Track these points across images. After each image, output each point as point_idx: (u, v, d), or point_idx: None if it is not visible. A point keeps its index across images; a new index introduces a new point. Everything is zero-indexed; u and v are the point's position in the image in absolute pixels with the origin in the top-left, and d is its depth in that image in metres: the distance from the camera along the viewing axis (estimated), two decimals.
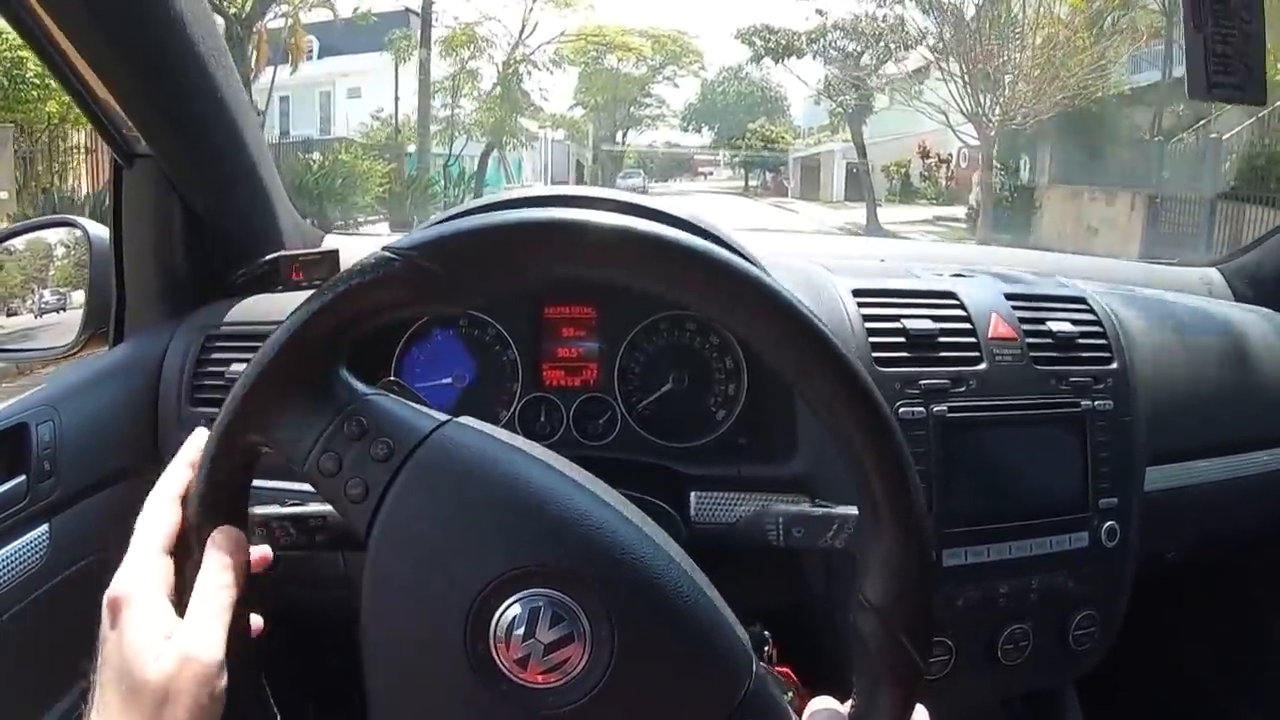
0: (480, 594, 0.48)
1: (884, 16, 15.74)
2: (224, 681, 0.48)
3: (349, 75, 17.78)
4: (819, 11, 16.74)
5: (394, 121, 16.40)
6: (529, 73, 18.10)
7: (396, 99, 16.29)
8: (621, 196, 0.78)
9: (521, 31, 17.39)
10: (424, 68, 15.37)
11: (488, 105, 17.22)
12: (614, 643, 0.48)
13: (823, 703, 0.52)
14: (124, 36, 0.78)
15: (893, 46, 15.87)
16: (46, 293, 1.08)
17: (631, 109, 26.45)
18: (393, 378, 0.66)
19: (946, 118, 13.23)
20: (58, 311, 1.07)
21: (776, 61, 18.19)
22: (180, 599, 0.49)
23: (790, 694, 0.53)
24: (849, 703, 0.50)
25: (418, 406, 0.52)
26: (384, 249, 0.47)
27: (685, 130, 31.45)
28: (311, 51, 17.34)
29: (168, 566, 0.50)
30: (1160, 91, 11.16)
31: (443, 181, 15.19)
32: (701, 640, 0.50)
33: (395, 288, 0.47)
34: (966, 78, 12.59)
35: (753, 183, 30.66)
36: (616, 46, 21.33)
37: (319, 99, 18.81)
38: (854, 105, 17.14)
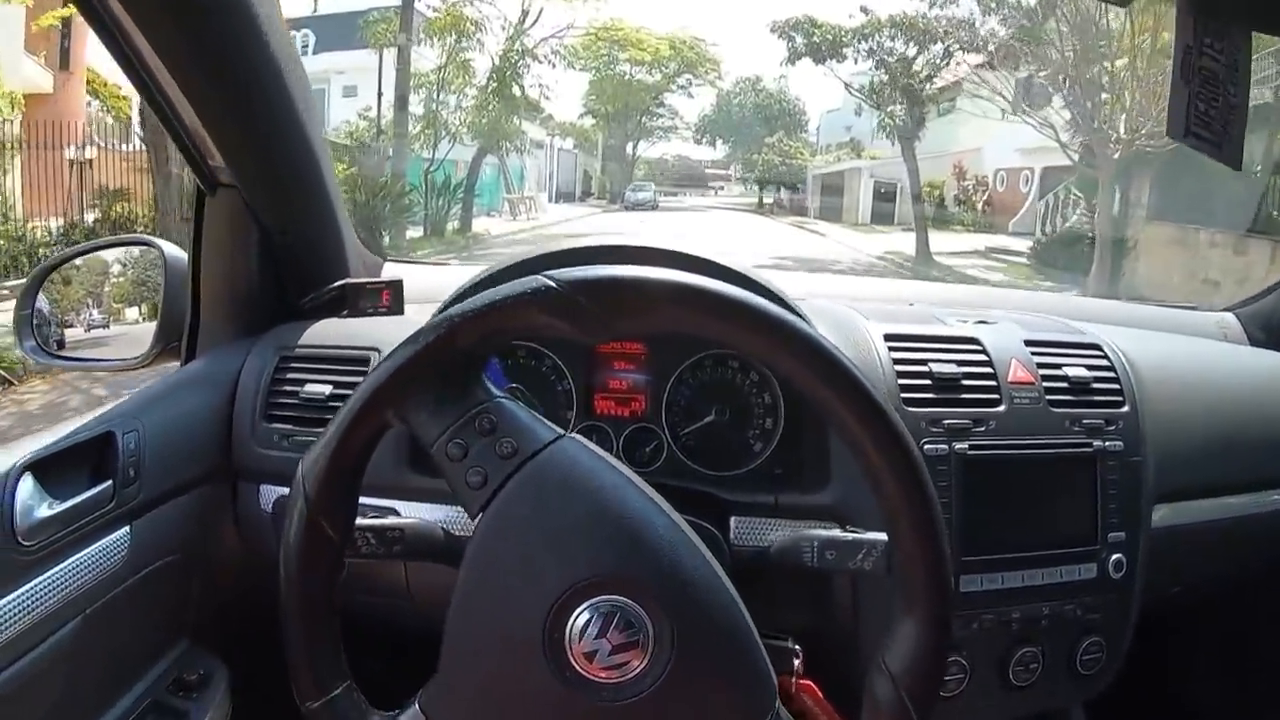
0: (566, 591, 0.55)
1: (946, 17, 13.36)
2: None
3: (345, 72, 16.49)
4: (864, 9, 14.16)
5: (378, 121, 14.39)
6: (528, 67, 15.79)
7: (379, 94, 14.34)
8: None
9: (522, 20, 15.33)
10: (403, 55, 13.19)
11: (480, 103, 14.94)
12: (672, 650, 0.55)
13: None
14: (221, 71, 0.84)
15: (954, 49, 13.80)
16: (95, 312, 1.15)
17: (644, 119, 25.05)
18: (517, 385, 0.73)
19: (1055, 133, 10.98)
20: (103, 328, 1.14)
21: (817, 62, 15.18)
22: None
23: None
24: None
25: (540, 418, 0.60)
26: (547, 276, 0.55)
27: (699, 143, 29.90)
28: (306, 46, 16.43)
29: None
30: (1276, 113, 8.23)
31: (424, 188, 13.24)
32: (743, 656, 0.57)
33: (547, 313, 0.55)
34: (1079, 88, 10.33)
35: (767, 200, 28.99)
36: (630, 44, 19.43)
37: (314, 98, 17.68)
38: (905, 116, 14.65)
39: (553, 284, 0.55)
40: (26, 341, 1.06)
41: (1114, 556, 0.92)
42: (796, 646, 0.76)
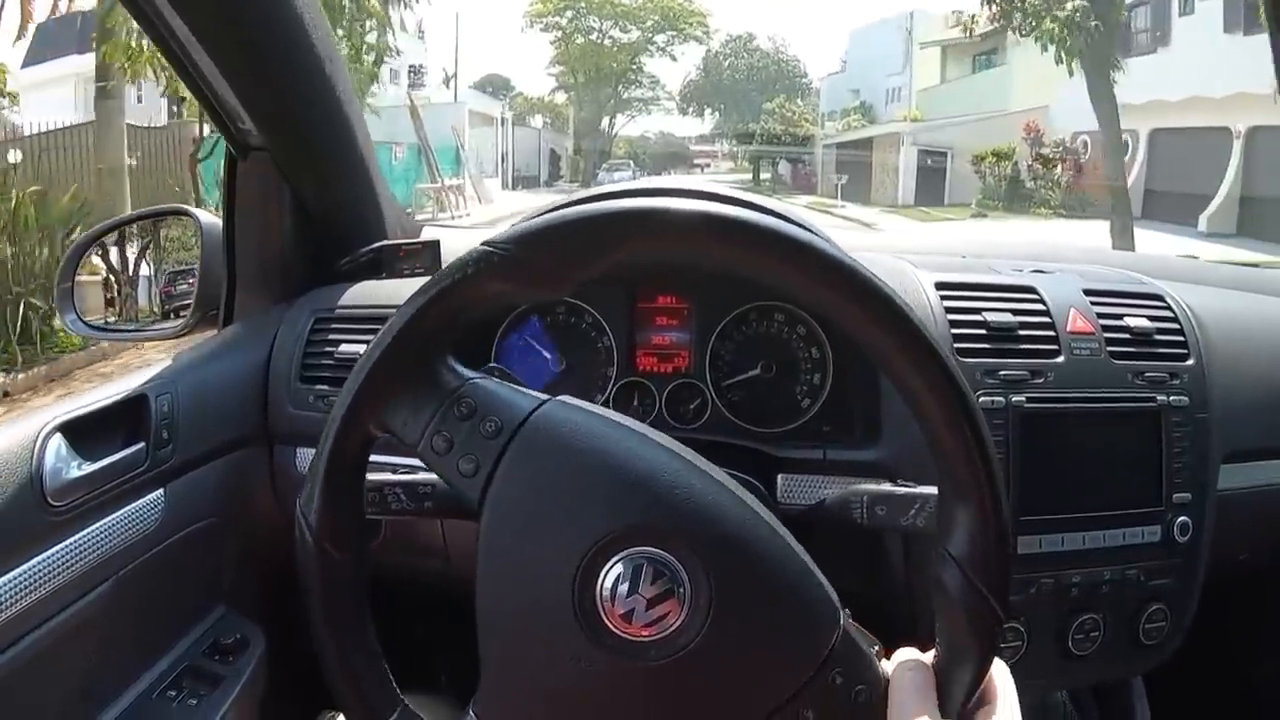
0: (587, 554, 0.52)
1: None
2: None
3: None
4: None
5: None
6: None
7: None
8: (698, 185, 0.81)
9: None
10: None
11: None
12: (711, 597, 0.51)
13: (907, 653, 0.55)
14: (248, 35, 0.83)
15: None
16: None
17: (619, 88, 22.35)
18: (494, 364, 0.71)
19: None
20: None
21: None
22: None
23: (876, 646, 0.56)
24: (931, 652, 0.53)
25: (519, 388, 0.56)
26: (483, 243, 0.52)
27: (684, 113, 26.30)
28: None
29: None
30: None
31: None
32: (791, 594, 0.53)
33: (496, 279, 0.52)
34: None
35: (763, 175, 25.37)
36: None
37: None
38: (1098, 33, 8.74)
39: (492, 249, 0.52)
40: (67, 314, 1.07)
41: (1179, 519, 0.88)
42: (846, 610, 0.72)
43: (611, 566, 0.52)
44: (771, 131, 22.89)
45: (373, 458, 0.57)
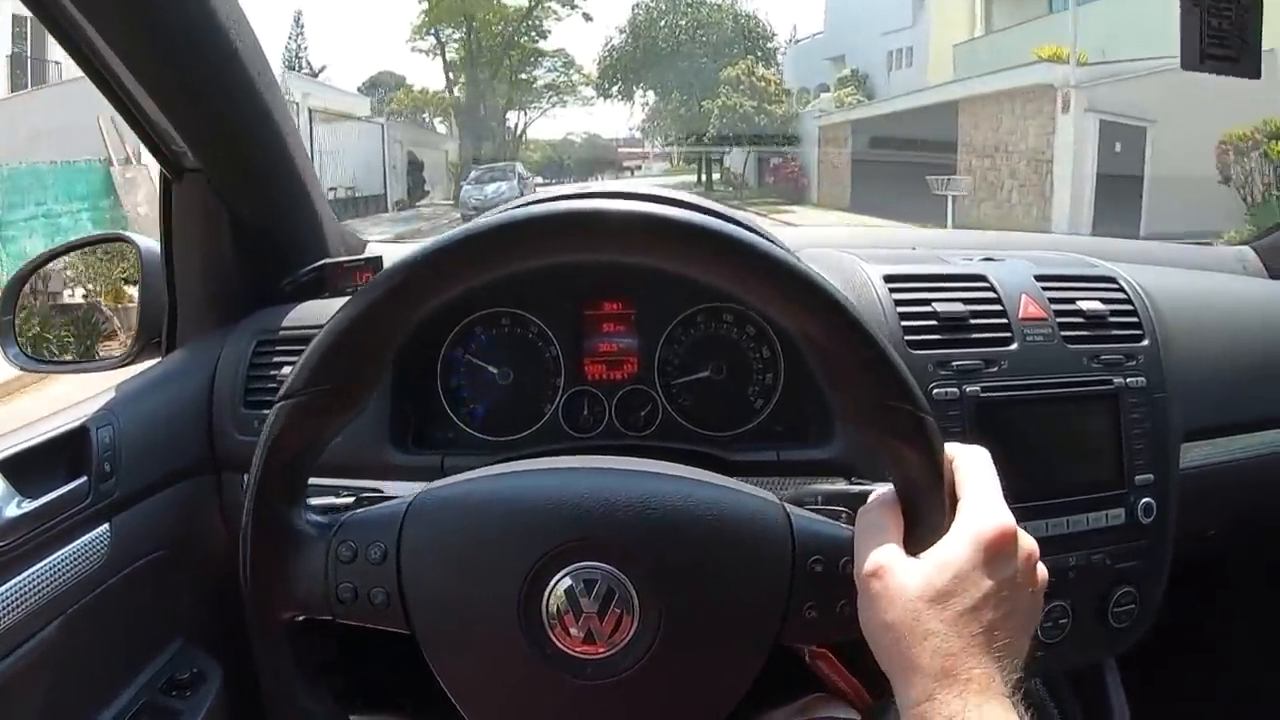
0: (524, 581, 0.52)
1: None
2: None
3: None
4: None
5: None
6: None
7: None
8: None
9: None
10: None
11: None
12: (660, 610, 0.52)
13: (870, 499, 0.54)
14: (171, 53, 0.81)
15: None
16: None
17: (515, 67, 15.62)
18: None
19: None
20: None
21: None
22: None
23: (842, 514, 0.58)
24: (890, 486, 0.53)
25: (379, 503, 0.57)
26: (279, 397, 0.54)
27: (607, 96, 18.69)
28: None
29: None
30: None
31: None
32: (743, 569, 0.53)
33: (310, 424, 0.54)
34: None
35: (712, 176, 18.64)
36: None
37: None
38: None
39: (291, 399, 0.53)
40: (9, 348, 1.04)
41: (1143, 500, 0.87)
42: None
43: (554, 586, 0.52)
44: (736, 110, 16.14)
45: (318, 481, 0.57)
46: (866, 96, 17.24)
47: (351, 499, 0.63)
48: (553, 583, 0.51)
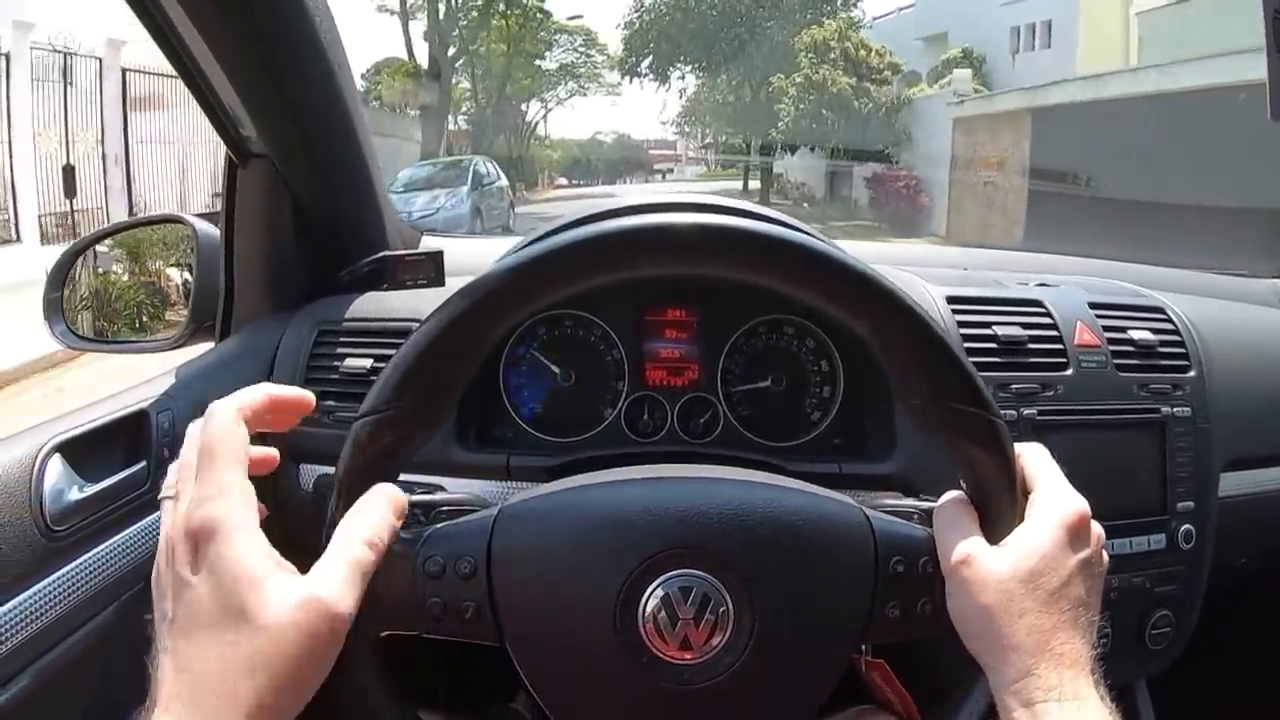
0: (620, 589, 0.52)
1: None
2: (342, 643, 0.45)
3: None
4: None
5: None
6: None
7: None
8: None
9: None
10: None
11: None
12: (753, 615, 0.53)
13: (944, 499, 0.56)
14: (252, 37, 0.81)
15: None
16: None
17: (508, 29, 11.84)
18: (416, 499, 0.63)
19: None
20: None
21: None
22: (286, 539, 0.47)
23: (914, 516, 0.59)
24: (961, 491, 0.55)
25: (464, 515, 0.57)
26: (359, 416, 0.52)
27: (632, 76, 13.98)
28: None
29: (252, 493, 0.46)
30: None
31: None
32: (831, 573, 0.54)
33: (385, 440, 0.52)
34: None
35: (753, 183, 13.39)
36: None
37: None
38: None
39: (371, 415, 0.52)
40: (56, 325, 1.03)
41: (1184, 527, 0.89)
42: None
43: (651, 593, 0.52)
44: (827, 88, 10.44)
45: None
46: (984, 86, 11.69)
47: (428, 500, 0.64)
48: (649, 590, 0.52)
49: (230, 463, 0.46)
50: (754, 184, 13.88)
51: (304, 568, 0.46)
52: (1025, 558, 0.50)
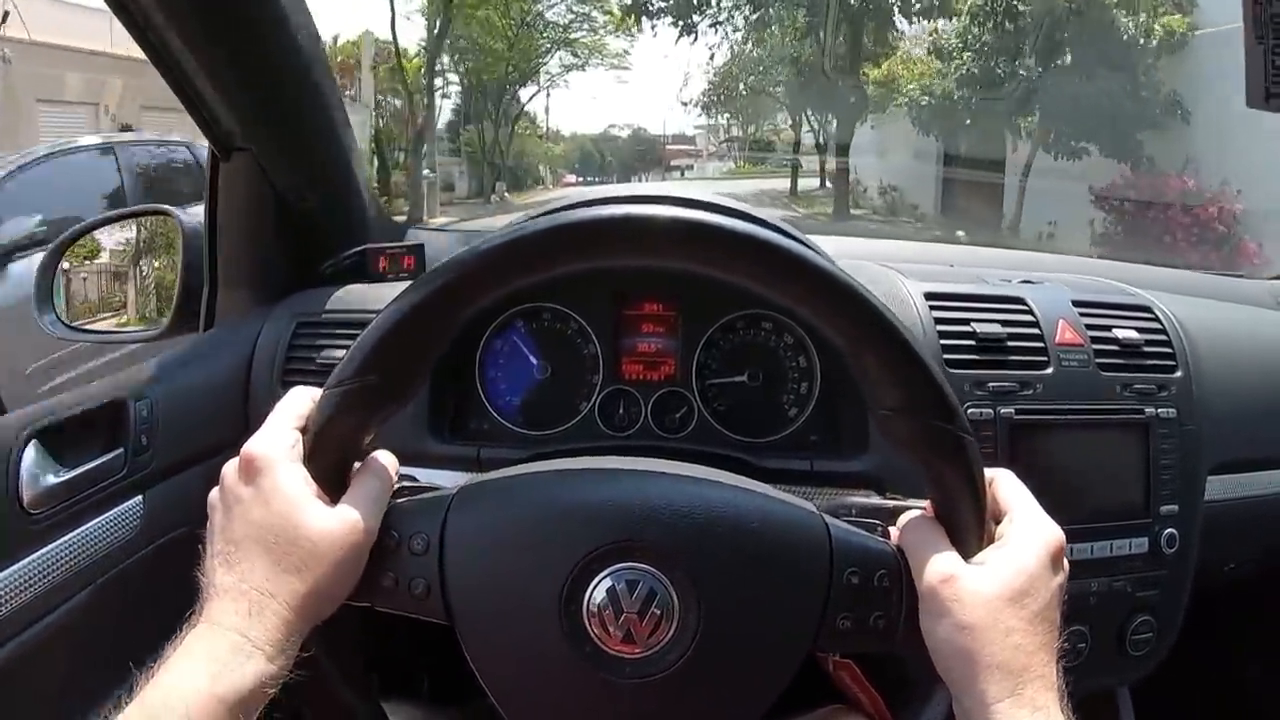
0: (567, 578, 0.52)
1: None
2: (366, 555, 0.53)
3: None
4: None
5: None
6: None
7: None
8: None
9: None
10: None
11: None
12: (698, 608, 0.52)
13: (909, 514, 0.56)
14: (230, 33, 0.82)
15: None
16: None
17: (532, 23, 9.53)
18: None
19: None
20: None
21: None
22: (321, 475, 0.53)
23: (879, 528, 0.57)
24: (928, 502, 0.55)
25: (425, 492, 0.57)
26: (326, 386, 0.53)
27: (645, 14, 10.83)
28: None
29: (299, 441, 0.54)
30: None
31: None
32: (782, 578, 0.53)
33: (352, 416, 0.53)
34: None
35: (804, 182, 10.74)
36: None
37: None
38: None
39: (337, 388, 0.53)
40: (46, 315, 1.05)
41: (1167, 530, 0.88)
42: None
43: (596, 585, 0.52)
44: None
45: None
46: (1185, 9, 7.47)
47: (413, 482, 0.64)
48: (595, 581, 0.52)
49: (289, 417, 0.55)
50: (805, 183, 10.61)
51: None
52: (1014, 577, 0.50)
